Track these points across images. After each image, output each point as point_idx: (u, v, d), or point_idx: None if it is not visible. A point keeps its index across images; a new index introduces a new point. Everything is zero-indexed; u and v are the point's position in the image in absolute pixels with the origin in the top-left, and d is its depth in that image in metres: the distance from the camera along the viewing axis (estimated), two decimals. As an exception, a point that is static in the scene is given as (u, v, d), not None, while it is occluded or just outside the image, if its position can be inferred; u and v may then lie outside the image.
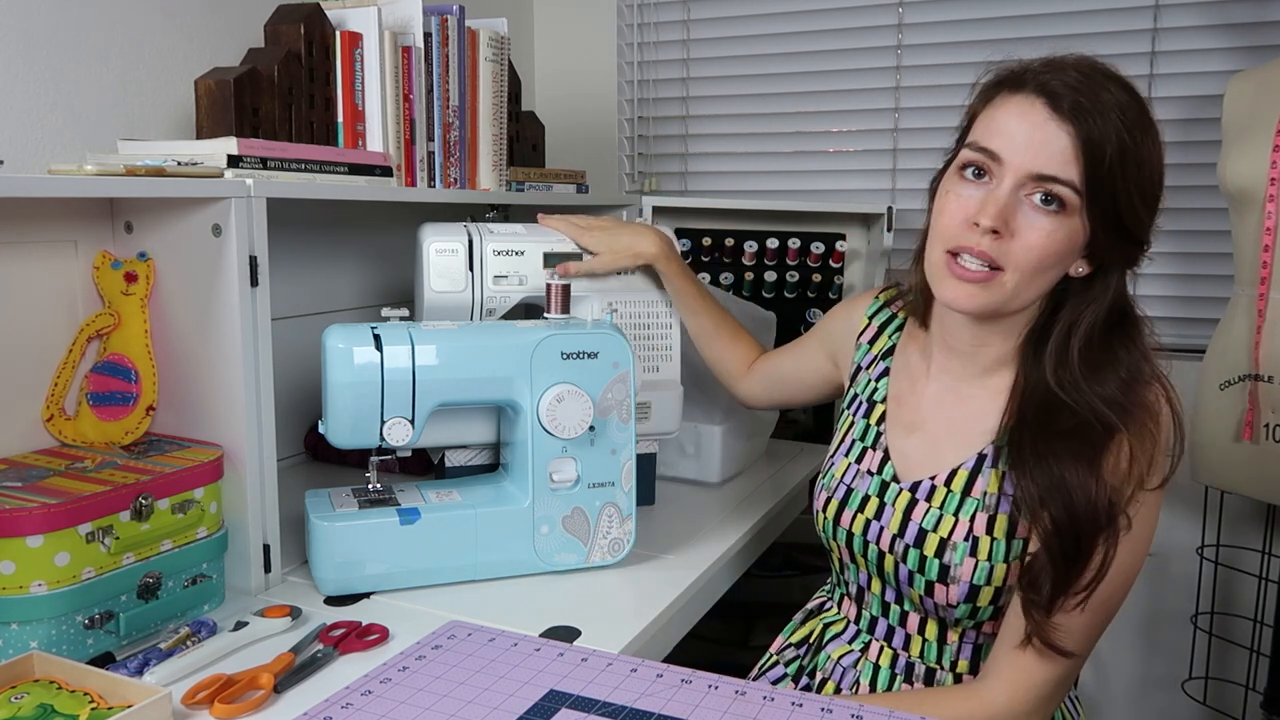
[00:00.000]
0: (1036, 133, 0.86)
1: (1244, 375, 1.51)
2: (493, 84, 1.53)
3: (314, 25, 1.31)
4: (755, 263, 1.90)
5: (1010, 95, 0.90)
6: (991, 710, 0.91)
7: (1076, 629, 0.90)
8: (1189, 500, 1.83)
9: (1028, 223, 0.87)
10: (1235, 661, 1.82)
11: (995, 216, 0.87)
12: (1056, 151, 0.86)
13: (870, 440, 1.07)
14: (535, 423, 1.08)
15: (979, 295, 0.90)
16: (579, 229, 1.30)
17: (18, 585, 0.84)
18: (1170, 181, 1.92)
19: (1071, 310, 0.93)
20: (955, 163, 0.94)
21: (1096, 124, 0.85)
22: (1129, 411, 0.89)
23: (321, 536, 1.04)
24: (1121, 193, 0.87)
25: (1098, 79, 0.87)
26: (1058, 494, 0.88)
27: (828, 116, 2.07)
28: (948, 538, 0.96)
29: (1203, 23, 1.77)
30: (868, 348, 1.14)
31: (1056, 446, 0.89)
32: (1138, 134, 0.86)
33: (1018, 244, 0.88)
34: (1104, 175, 0.85)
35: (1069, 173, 0.86)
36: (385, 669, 0.87)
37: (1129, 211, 0.88)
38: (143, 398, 1.07)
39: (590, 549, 1.12)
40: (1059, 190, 0.86)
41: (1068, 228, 0.87)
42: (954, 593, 0.95)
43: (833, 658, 1.07)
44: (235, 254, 1.00)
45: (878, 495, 1.03)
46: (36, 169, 1.18)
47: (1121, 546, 0.88)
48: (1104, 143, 0.85)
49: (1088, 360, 0.91)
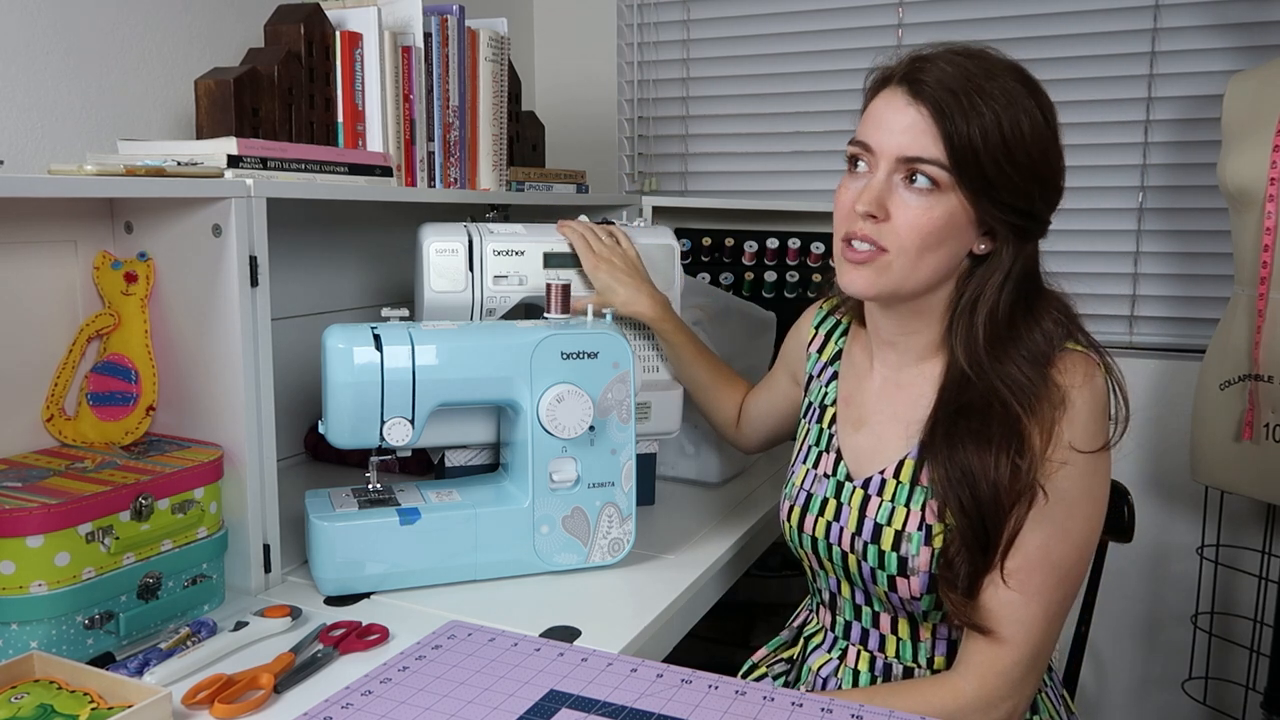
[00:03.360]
0: (899, 118, 0.91)
1: (1244, 375, 1.51)
2: (493, 84, 1.53)
3: (314, 25, 1.31)
4: (755, 263, 1.90)
5: (880, 89, 0.95)
6: (962, 699, 0.91)
7: (1010, 610, 0.90)
8: (1189, 500, 1.83)
9: (902, 203, 0.92)
10: (1235, 661, 1.82)
11: (870, 202, 0.92)
12: (918, 134, 0.90)
13: (824, 444, 1.09)
14: (535, 423, 1.08)
15: (869, 277, 0.94)
16: (588, 251, 1.26)
17: (18, 585, 0.84)
18: (1170, 181, 1.93)
19: (973, 286, 0.96)
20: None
21: (955, 102, 0.88)
22: (1031, 390, 0.91)
23: (321, 536, 1.04)
24: (990, 165, 0.89)
25: (964, 61, 0.91)
26: (964, 480, 0.91)
27: (828, 116, 2.07)
28: (902, 529, 0.97)
29: (1203, 23, 1.77)
30: (817, 356, 1.17)
31: (962, 431, 0.92)
32: (1002, 107, 0.89)
33: (896, 224, 0.92)
34: (967, 150, 0.89)
35: (931, 152, 0.90)
36: (385, 669, 0.87)
37: (1007, 185, 0.91)
38: (143, 398, 1.07)
39: (590, 549, 1.12)
40: (926, 169, 0.90)
41: (944, 205, 0.91)
42: (915, 584, 0.96)
43: (813, 669, 1.07)
44: (235, 254, 1.00)
45: (834, 496, 1.04)
46: (36, 169, 1.18)
47: (1053, 517, 0.90)
48: (963, 120, 0.88)
49: (992, 339, 0.94)
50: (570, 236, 1.28)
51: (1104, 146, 1.84)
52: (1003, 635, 0.91)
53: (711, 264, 1.91)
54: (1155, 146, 1.82)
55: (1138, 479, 1.86)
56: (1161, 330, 1.87)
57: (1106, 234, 1.87)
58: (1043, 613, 0.91)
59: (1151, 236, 1.85)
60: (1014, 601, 0.91)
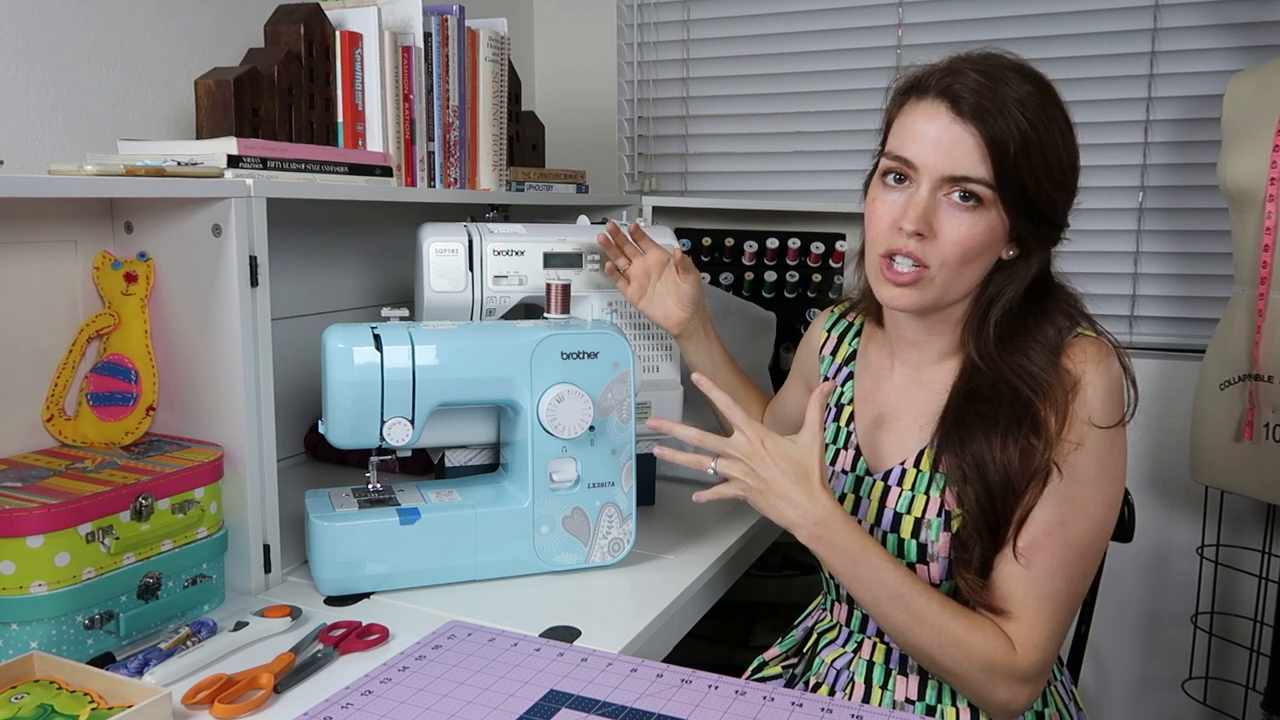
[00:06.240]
0: (944, 136, 0.91)
1: (1244, 375, 1.51)
2: (493, 84, 1.53)
3: (314, 25, 1.31)
4: (755, 263, 1.89)
5: (917, 101, 0.95)
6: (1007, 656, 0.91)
7: (1024, 586, 0.91)
8: (1189, 500, 1.83)
9: (949, 221, 0.93)
10: (1235, 661, 1.82)
11: (917, 220, 0.92)
12: (965, 153, 0.91)
13: (841, 441, 1.10)
14: (535, 423, 1.08)
15: (913, 294, 0.95)
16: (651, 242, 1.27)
17: (18, 585, 0.84)
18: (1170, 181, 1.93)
19: (994, 286, 0.98)
20: (878, 170, 0.99)
21: (999, 122, 0.90)
22: (1043, 377, 0.93)
23: (321, 536, 1.04)
24: (1031, 181, 0.92)
25: (998, 74, 0.92)
26: (975, 466, 0.93)
27: (827, 116, 2.07)
28: (922, 517, 0.98)
29: (1203, 23, 1.77)
30: (830, 359, 1.18)
31: (973, 418, 0.94)
32: (1040, 124, 0.91)
33: (942, 242, 0.93)
34: (1011, 168, 0.90)
35: (979, 171, 0.91)
36: (385, 669, 0.87)
37: (1041, 197, 0.93)
38: (143, 398, 1.07)
39: (590, 549, 1.12)
40: (973, 188, 0.91)
41: (986, 221, 0.92)
42: (934, 570, 0.97)
43: (826, 662, 1.07)
44: (235, 254, 1.00)
45: (853, 492, 1.05)
46: (36, 169, 1.18)
47: (1069, 495, 0.91)
48: (1007, 138, 0.90)
49: (1003, 334, 0.97)
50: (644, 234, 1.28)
51: (1104, 146, 1.84)
52: (1015, 613, 0.91)
53: (711, 264, 1.91)
54: (1155, 146, 1.82)
55: (1138, 479, 1.86)
56: (1161, 330, 1.87)
57: (1106, 234, 1.87)
58: (1058, 589, 0.92)
59: (1151, 236, 1.85)
60: (1026, 577, 0.91)
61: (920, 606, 0.92)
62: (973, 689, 0.93)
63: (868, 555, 0.94)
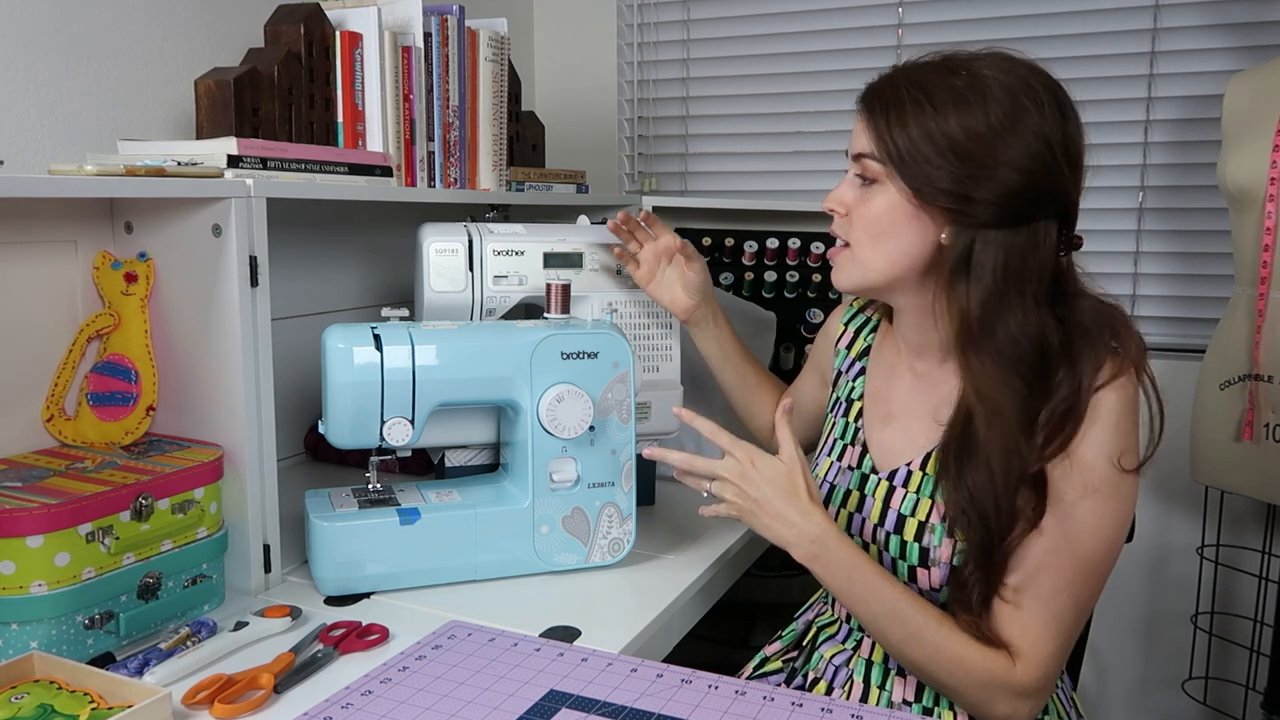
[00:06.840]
0: (855, 124, 1.00)
1: (1244, 375, 1.51)
2: (493, 84, 1.53)
3: (314, 25, 1.31)
4: (755, 263, 1.89)
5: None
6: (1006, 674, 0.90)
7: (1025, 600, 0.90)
8: (1189, 500, 1.83)
9: (857, 198, 0.99)
10: (1235, 661, 1.82)
11: (833, 200, 1.02)
12: (859, 133, 0.98)
13: (850, 437, 1.10)
14: (535, 423, 1.08)
15: (840, 274, 1.03)
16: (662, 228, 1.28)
17: (18, 585, 0.84)
18: (1170, 181, 1.93)
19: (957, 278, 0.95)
20: None
21: (887, 100, 0.94)
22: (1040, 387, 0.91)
23: (321, 536, 1.04)
24: (924, 158, 0.92)
25: (917, 67, 0.96)
26: (973, 508, 0.91)
27: (828, 116, 2.06)
28: (925, 520, 0.97)
29: (1203, 23, 1.77)
30: (845, 353, 1.18)
31: (968, 452, 0.92)
32: (935, 103, 0.92)
33: (853, 217, 1.00)
34: (898, 143, 0.93)
35: (868, 147, 0.96)
36: (385, 669, 0.87)
37: (930, 167, 0.92)
38: (143, 398, 1.07)
39: (590, 549, 1.12)
40: (865, 164, 0.97)
41: (885, 196, 0.96)
42: (935, 575, 0.96)
43: (825, 657, 1.07)
44: (235, 254, 1.00)
45: (858, 489, 1.05)
46: (36, 169, 1.18)
47: (1074, 512, 0.89)
48: (889, 114, 0.94)
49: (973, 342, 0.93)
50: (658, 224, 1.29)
51: (1104, 146, 1.84)
52: (1019, 630, 0.90)
53: (711, 264, 1.90)
54: (1155, 146, 1.82)
55: (1138, 479, 1.86)
56: (1161, 330, 1.87)
57: (1106, 234, 1.87)
58: (1064, 606, 0.90)
59: (1151, 236, 1.85)
60: (1031, 594, 0.90)
61: (917, 624, 0.92)
62: (972, 705, 0.92)
63: (863, 572, 0.93)
